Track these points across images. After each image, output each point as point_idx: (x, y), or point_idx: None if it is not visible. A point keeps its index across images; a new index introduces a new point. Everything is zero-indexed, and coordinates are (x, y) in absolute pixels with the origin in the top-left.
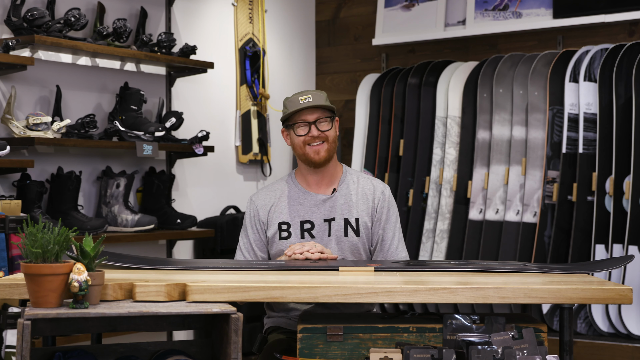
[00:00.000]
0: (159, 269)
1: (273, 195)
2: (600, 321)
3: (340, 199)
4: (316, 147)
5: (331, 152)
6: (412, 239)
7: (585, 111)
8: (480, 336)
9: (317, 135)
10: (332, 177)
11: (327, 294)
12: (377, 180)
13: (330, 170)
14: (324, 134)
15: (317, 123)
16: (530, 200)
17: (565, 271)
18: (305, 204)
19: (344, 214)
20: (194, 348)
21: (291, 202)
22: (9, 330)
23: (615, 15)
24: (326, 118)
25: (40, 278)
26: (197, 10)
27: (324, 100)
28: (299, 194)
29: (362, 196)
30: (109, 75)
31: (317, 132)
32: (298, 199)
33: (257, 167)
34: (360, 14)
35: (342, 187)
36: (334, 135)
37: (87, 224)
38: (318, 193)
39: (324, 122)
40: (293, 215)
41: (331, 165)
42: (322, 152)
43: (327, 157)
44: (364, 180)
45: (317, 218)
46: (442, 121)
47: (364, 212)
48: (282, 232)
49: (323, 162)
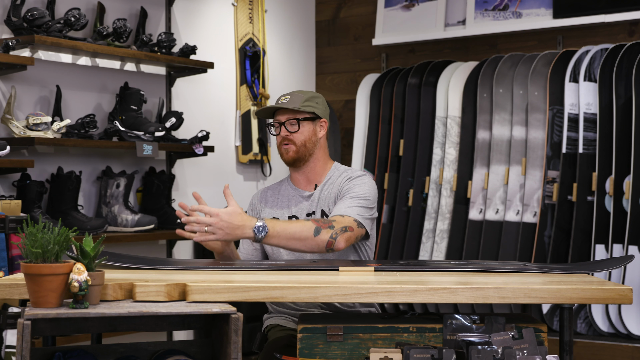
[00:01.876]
0: (159, 269)
1: (272, 192)
2: (600, 321)
3: (321, 193)
4: (286, 146)
5: (301, 154)
6: (412, 239)
7: (585, 111)
8: (480, 336)
9: (284, 137)
10: (317, 174)
11: (327, 294)
12: (356, 170)
13: (314, 168)
14: (290, 136)
15: (287, 124)
16: (530, 200)
17: (565, 271)
18: (293, 200)
19: (322, 207)
20: (194, 348)
21: (282, 199)
22: (9, 330)
23: (615, 15)
24: (295, 120)
25: (40, 278)
26: (197, 10)
27: (300, 102)
28: (289, 190)
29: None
30: (109, 75)
31: (286, 133)
32: (288, 195)
33: (257, 167)
34: (360, 14)
35: (326, 183)
36: (303, 139)
37: (87, 224)
38: (305, 190)
39: (292, 124)
40: (283, 211)
41: (313, 164)
42: (290, 153)
43: (295, 157)
44: (346, 172)
45: (301, 213)
46: (442, 121)
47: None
48: None
49: (292, 162)
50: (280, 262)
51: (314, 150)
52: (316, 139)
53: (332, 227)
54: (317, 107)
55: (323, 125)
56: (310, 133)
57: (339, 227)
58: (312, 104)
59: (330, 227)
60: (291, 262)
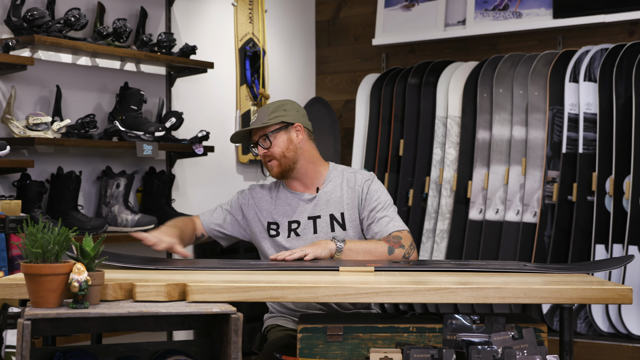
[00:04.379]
0: (159, 269)
1: (268, 194)
2: (600, 321)
3: (324, 196)
4: (269, 163)
5: (284, 165)
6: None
7: (585, 111)
8: (480, 336)
9: (263, 154)
10: (314, 178)
11: (327, 294)
12: (362, 171)
13: (305, 173)
14: (267, 152)
15: (260, 142)
16: (530, 200)
17: (565, 271)
18: (292, 204)
19: (330, 211)
20: (194, 348)
21: (280, 203)
22: (9, 330)
23: (615, 15)
24: (264, 136)
25: (40, 278)
26: (197, 10)
27: (267, 117)
28: (287, 194)
29: (346, 190)
30: (109, 75)
31: (263, 151)
32: (286, 199)
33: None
34: (360, 14)
35: (327, 185)
36: (280, 150)
37: (87, 224)
38: (304, 192)
39: (264, 140)
40: (281, 216)
41: (303, 169)
42: (275, 168)
43: (281, 171)
44: (348, 173)
45: (303, 217)
46: (442, 121)
47: (349, 205)
48: (271, 231)
49: (281, 176)
50: (280, 262)
51: (297, 157)
52: (295, 146)
53: (403, 247)
54: (286, 114)
55: (299, 129)
56: (286, 142)
57: (408, 243)
58: (280, 113)
59: (402, 247)
60: (291, 263)
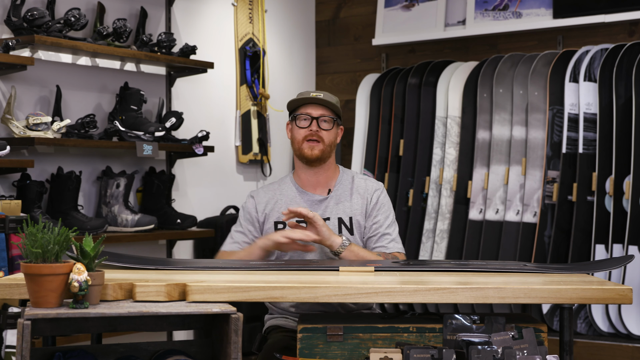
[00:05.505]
0: (159, 269)
1: (272, 195)
2: (600, 321)
3: (334, 199)
4: (311, 143)
5: (325, 154)
6: (412, 239)
7: (585, 111)
8: (480, 336)
9: (315, 131)
10: (328, 178)
11: (327, 294)
12: (372, 179)
13: (326, 171)
14: (321, 132)
15: (320, 120)
16: (530, 200)
17: (565, 271)
18: (301, 204)
19: (338, 214)
20: (194, 348)
21: (288, 202)
22: (9, 330)
23: (615, 15)
24: (330, 118)
25: (40, 278)
26: (197, 10)
27: (335, 102)
28: (295, 193)
29: (356, 195)
30: (109, 75)
31: (317, 128)
32: (295, 198)
33: (257, 167)
34: (360, 14)
35: (337, 187)
36: (332, 140)
37: (87, 224)
38: (314, 193)
39: (326, 121)
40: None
41: (327, 167)
42: (316, 150)
43: (319, 156)
44: (359, 179)
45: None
46: (442, 121)
47: (357, 211)
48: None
49: (315, 160)
50: (281, 262)
51: (331, 154)
52: (335, 143)
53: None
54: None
55: (340, 132)
56: (335, 135)
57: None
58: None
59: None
60: (291, 262)
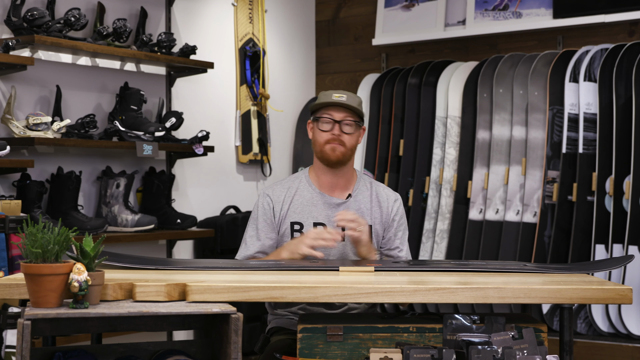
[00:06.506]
0: (159, 269)
1: (288, 193)
2: (600, 321)
3: (354, 205)
4: (333, 145)
5: (346, 157)
6: (412, 239)
7: (585, 111)
8: (480, 336)
9: (337, 135)
10: (347, 181)
11: (327, 294)
12: (389, 189)
13: (345, 174)
14: (343, 136)
15: (342, 123)
16: (530, 200)
17: (565, 271)
18: (319, 205)
19: None
20: (194, 348)
21: (305, 203)
22: (9, 330)
23: (615, 15)
24: (352, 121)
25: (40, 278)
26: (197, 10)
27: (357, 104)
28: (313, 194)
29: (375, 204)
30: (109, 75)
31: (339, 132)
32: (312, 199)
33: (257, 167)
34: (360, 14)
35: (356, 192)
36: (353, 143)
37: (87, 224)
38: (332, 196)
39: (349, 125)
40: (306, 216)
41: (346, 170)
42: (338, 153)
43: (341, 158)
44: (377, 187)
45: (330, 221)
46: (442, 121)
47: (377, 220)
48: (295, 232)
49: (336, 162)
50: (281, 262)
51: (352, 157)
52: (355, 146)
53: None
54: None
55: (362, 132)
56: (356, 138)
57: None
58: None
59: None
60: (291, 262)
